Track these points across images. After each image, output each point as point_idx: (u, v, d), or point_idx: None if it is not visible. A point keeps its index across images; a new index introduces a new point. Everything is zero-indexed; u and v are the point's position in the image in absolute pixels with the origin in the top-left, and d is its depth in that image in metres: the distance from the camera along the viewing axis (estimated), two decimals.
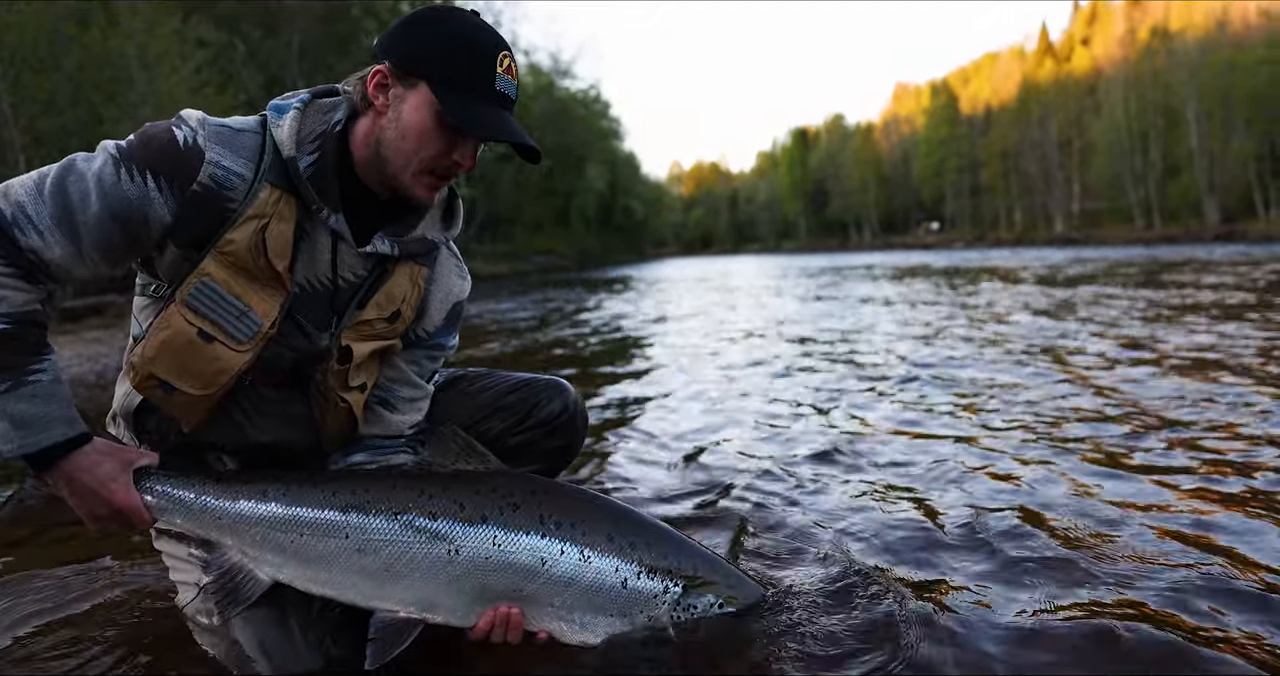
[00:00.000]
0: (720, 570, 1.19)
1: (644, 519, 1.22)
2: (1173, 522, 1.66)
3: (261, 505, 1.12)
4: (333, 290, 1.15)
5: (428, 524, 1.09)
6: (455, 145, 1.08)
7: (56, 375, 1.03)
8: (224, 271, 1.06)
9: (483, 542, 1.08)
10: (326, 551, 1.10)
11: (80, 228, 0.99)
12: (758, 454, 2.42)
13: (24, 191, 0.99)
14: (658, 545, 1.15)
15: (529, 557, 1.09)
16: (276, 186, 1.07)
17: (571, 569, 1.09)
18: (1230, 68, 38.21)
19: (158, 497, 1.13)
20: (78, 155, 1.03)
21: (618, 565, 1.11)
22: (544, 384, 1.42)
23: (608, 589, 1.10)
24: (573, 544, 1.10)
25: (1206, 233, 34.24)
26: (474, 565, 1.08)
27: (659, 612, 1.11)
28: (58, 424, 1.02)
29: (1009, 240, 48.31)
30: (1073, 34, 58.99)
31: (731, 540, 1.66)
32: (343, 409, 1.18)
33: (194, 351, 1.07)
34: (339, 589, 1.10)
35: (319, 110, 1.12)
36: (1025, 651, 1.16)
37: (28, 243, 0.98)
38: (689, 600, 1.12)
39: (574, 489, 1.24)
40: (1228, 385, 3.02)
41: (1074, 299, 7.57)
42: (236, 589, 1.12)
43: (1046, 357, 4.04)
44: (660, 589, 1.12)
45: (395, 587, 1.08)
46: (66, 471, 1.04)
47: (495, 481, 1.15)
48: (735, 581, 1.19)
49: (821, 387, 3.55)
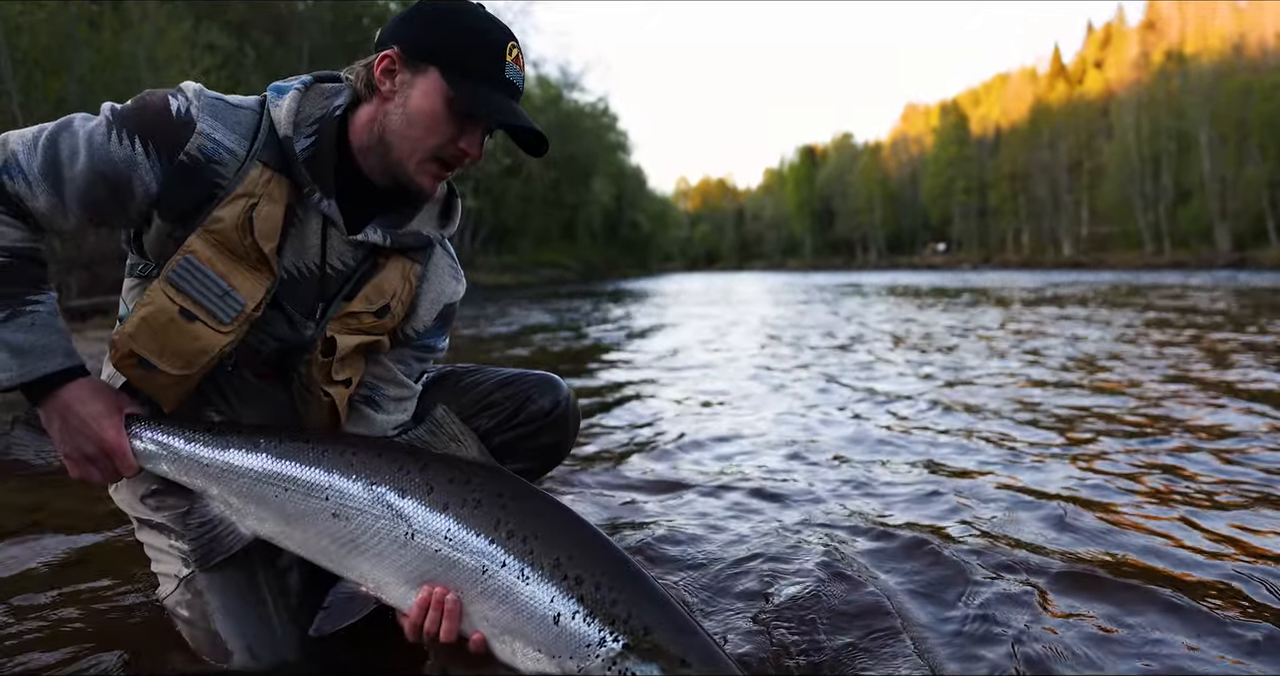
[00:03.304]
0: (684, 637, 0.93)
1: (612, 553, 1.01)
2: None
3: (251, 456, 1.10)
4: (320, 277, 1.13)
5: (395, 501, 1.04)
6: (463, 133, 1.07)
7: (55, 309, 1.05)
8: (209, 249, 1.04)
9: (435, 534, 1.01)
10: (307, 510, 1.07)
11: (65, 183, 1.01)
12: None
13: (21, 142, 1.02)
14: (611, 586, 0.95)
15: (473, 561, 0.99)
16: (268, 166, 1.05)
17: (507, 585, 0.98)
18: (1246, 92, 38.29)
19: (146, 443, 1.12)
20: (78, 114, 1.04)
21: (554, 595, 0.96)
22: (534, 379, 1.36)
23: (538, 620, 0.96)
24: (516, 559, 0.98)
25: (1217, 259, 34.14)
26: (422, 554, 1.01)
27: (590, 666, 0.93)
28: (55, 354, 1.03)
29: (1016, 263, 48.27)
30: (1085, 56, 59.41)
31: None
32: (325, 403, 1.15)
33: (175, 329, 1.05)
34: (313, 551, 1.08)
35: (320, 94, 1.10)
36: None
37: (14, 188, 1.00)
38: (627, 663, 0.91)
39: (552, 502, 1.08)
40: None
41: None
42: (216, 540, 1.11)
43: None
44: (595, 638, 0.93)
45: (359, 560, 1.05)
46: (62, 401, 1.05)
47: (471, 472, 1.06)
48: (700, 655, 0.91)
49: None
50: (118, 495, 1.24)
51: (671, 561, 1.60)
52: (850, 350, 5.78)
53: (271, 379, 1.20)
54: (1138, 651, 1.21)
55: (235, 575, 1.14)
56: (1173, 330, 6.46)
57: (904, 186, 68.75)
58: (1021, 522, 1.82)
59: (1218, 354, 4.86)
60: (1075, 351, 5.23)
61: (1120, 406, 3.26)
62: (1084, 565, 1.54)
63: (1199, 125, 40.40)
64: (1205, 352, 4.97)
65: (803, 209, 76.53)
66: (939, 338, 6.49)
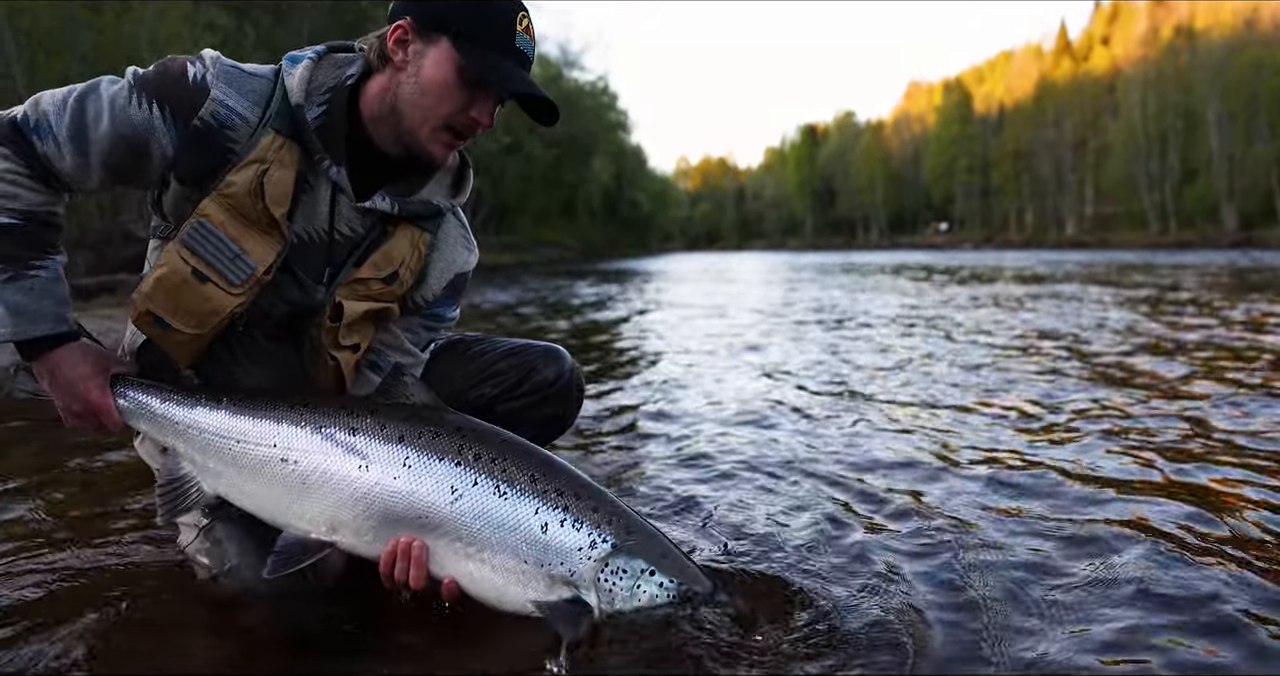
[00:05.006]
0: (655, 537, 1.05)
1: (573, 470, 1.10)
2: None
3: (212, 413, 1.14)
4: (328, 243, 1.15)
5: (346, 438, 1.07)
6: (474, 102, 1.08)
7: (57, 274, 1.09)
8: (222, 213, 1.07)
9: (393, 461, 1.04)
10: (256, 460, 1.09)
11: (91, 144, 1.05)
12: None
13: (51, 103, 1.05)
14: (588, 497, 1.03)
15: (437, 483, 1.02)
16: (281, 133, 1.08)
17: (484, 502, 1.00)
18: (1258, 67, 37.42)
19: (128, 401, 1.17)
20: (106, 77, 1.08)
21: (538, 507, 1.00)
22: (539, 350, 1.38)
23: (522, 531, 0.99)
24: (489, 477, 1.02)
25: (1223, 239, 33.86)
26: (380, 484, 1.03)
27: (582, 569, 0.98)
28: (47, 319, 1.08)
29: (1018, 242, 47.96)
30: (1092, 32, 58.22)
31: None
32: (331, 367, 1.17)
33: (188, 290, 1.08)
34: (259, 502, 1.11)
35: (333, 64, 1.13)
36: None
37: (43, 149, 1.04)
38: (618, 562, 0.98)
39: (506, 432, 1.11)
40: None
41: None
42: (180, 496, 1.15)
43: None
44: (586, 542, 0.99)
45: (308, 503, 1.06)
46: (51, 362, 1.11)
47: (429, 413, 1.10)
48: (677, 560, 1.03)
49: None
50: (141, 447, 1.29)
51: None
52: (829, 324, 5.98)
53: (283, 341, 1.21)
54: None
55: (253, 524, 1.15)
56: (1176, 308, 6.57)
57: (906, 165, 67.89)
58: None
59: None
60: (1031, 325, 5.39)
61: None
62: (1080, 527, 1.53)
63: (1207, 102, 39.75)
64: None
65: (804, 188, 75.73)
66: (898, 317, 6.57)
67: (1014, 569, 1.33)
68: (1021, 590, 1.25)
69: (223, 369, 1.21)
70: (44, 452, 2.27)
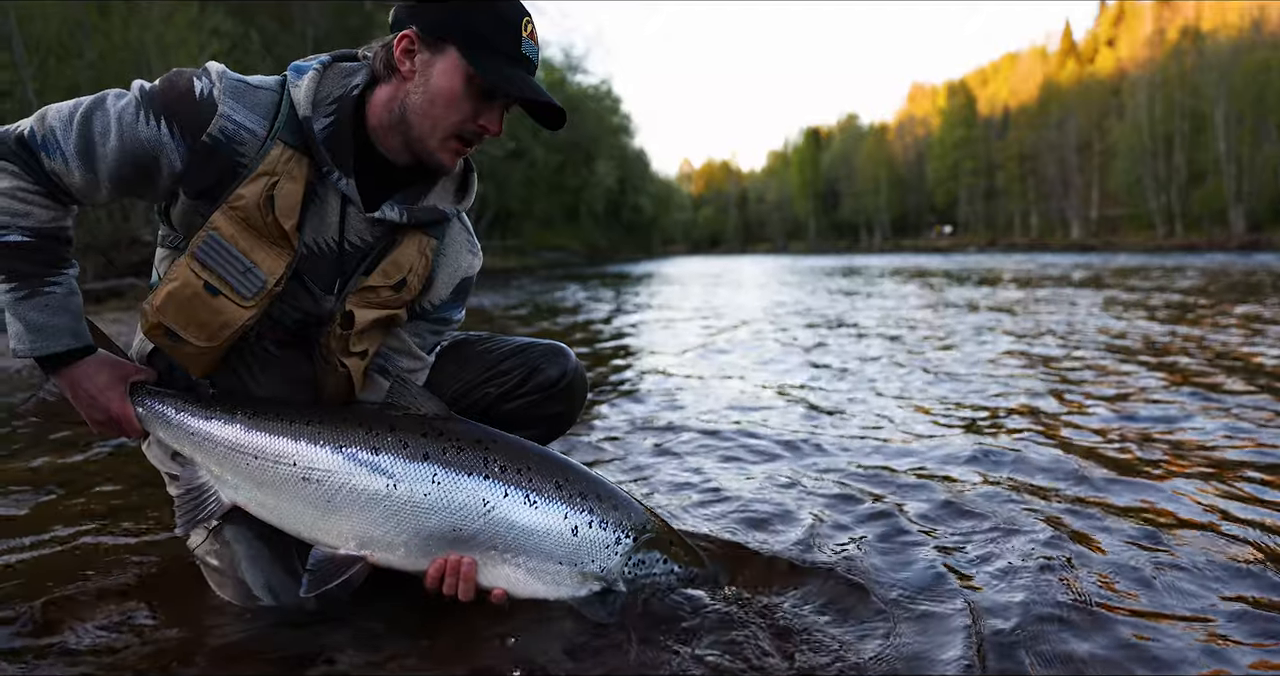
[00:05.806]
0: (669, 533, 1.18)
1: (587, 472, 1.19)
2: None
3: (227, 426, 1.15)
4: (339, 254, 1.16)
5: (369, 457, 1.09)
6: (484, 110, 1.09)
7: (71, 289, 1.10)
8: (232, 226, 1.07)
9: (421, 479, 1.07)
10: (276, 477, 1.11)
11: (99, 160, 1.04)
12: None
13: (58, 118, 1.05)
14: (606, 496, 1.14)
15: (468, 498, 1.07)
16: (289, 145, 1.08)
17: (516, 512, 1.07)
18: (1265, 69, 37.24)
19: (146, 410, 1.19)
20: (111, 91, 1.08)
21: (567, 512, 1.09)
22: (543, 349, 1.39)
23: (556, 534, 1.08)
24: (518, 488, 1.08)
25: (1231, 241, 33.66)
26: (411, 501, 1.07)
27: (612, 564, 1.09)
28: (64, 334, 1.09)
29: (1023, 245, 47.79)
30: (1097, 34, 58.10)
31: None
32: (342, 374, 1.18)
33: (200, 303, 1.09)
34: (284, 517, 1.12)
35: (338, 74, 1.13)
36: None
37: (52, 165, 1.04)
38: (639, 554, 1.11)
39: (521, 440, 1.18)
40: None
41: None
42: (199, 506, 1.17)
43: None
44: (612, 539, 1.10)
45: (335, 520, 1.08)
46: (70, 377, 1.13)
47: (443, 425, 1.14)
48: (684, 547, 1.17)
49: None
50: (150, 452, 1.29)
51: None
52: (822, 326, 5.97)
53: (294, 349, 1.23)
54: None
55: (261, 527, 1.18)
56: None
57: (910, 168, 67.85)
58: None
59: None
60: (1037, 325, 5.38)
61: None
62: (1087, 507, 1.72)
63: (1215, 103, 39.53)
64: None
65: (807, 191, 75.69)
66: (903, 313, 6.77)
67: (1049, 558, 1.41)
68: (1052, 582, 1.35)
69: (234, 376, 1.22)
70: (60, 451, 2.28)
